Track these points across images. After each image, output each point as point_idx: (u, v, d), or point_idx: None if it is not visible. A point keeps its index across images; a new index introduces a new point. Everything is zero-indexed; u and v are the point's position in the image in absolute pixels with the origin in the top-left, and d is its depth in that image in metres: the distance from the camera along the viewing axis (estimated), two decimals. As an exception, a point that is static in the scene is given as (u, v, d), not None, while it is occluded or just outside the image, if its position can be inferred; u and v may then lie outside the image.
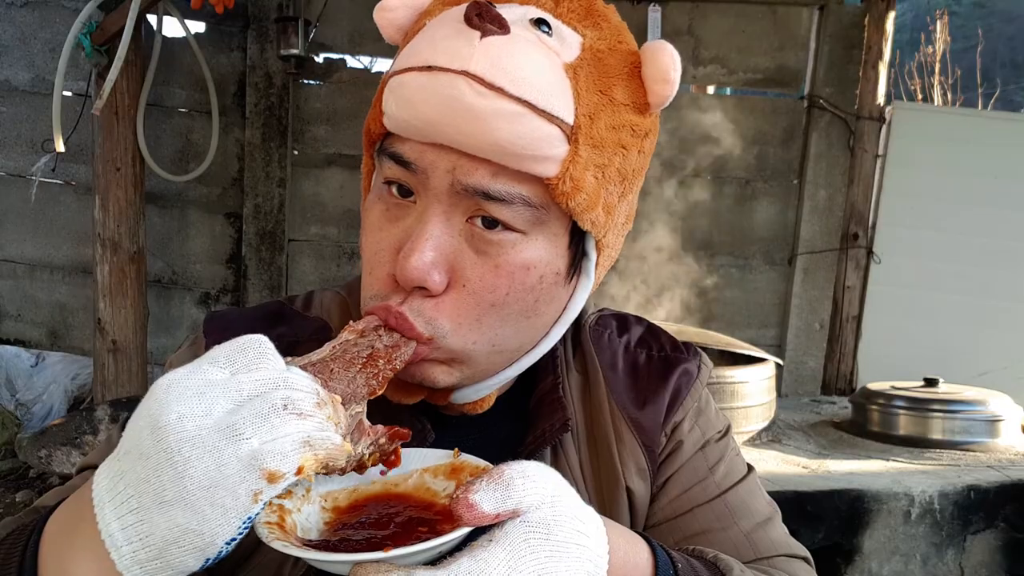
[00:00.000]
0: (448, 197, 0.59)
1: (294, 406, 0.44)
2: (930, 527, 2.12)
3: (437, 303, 0.60)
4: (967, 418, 2.51)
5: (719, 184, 3.65)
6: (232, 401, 0.43)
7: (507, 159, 0.57)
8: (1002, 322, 3.61)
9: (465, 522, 0.45)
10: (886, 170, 3.60)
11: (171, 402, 0.42)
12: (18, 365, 3.60)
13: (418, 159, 0.59)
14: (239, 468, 0.41)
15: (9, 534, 0.53)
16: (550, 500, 0.47)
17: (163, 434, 0.41)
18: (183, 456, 0.41)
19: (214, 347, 0.46)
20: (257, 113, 3.44)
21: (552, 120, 0.57)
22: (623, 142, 0.62)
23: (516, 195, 0.59)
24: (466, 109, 0.55)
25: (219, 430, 0.42)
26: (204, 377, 0.43)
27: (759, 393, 2.48)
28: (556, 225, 0.62)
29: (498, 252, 0.60)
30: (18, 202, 3.48)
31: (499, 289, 0.61)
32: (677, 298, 3.68)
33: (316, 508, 0.54)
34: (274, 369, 0.45)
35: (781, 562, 0.73)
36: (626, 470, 0.73)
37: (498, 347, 0.64)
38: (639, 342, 0.81)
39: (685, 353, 0.80)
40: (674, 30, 3.50)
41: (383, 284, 0.63)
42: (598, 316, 0.82)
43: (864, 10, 3.53)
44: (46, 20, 3.39)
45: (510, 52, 0.56)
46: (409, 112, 0.58)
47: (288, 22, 3.25)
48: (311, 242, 3.60)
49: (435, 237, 0.59)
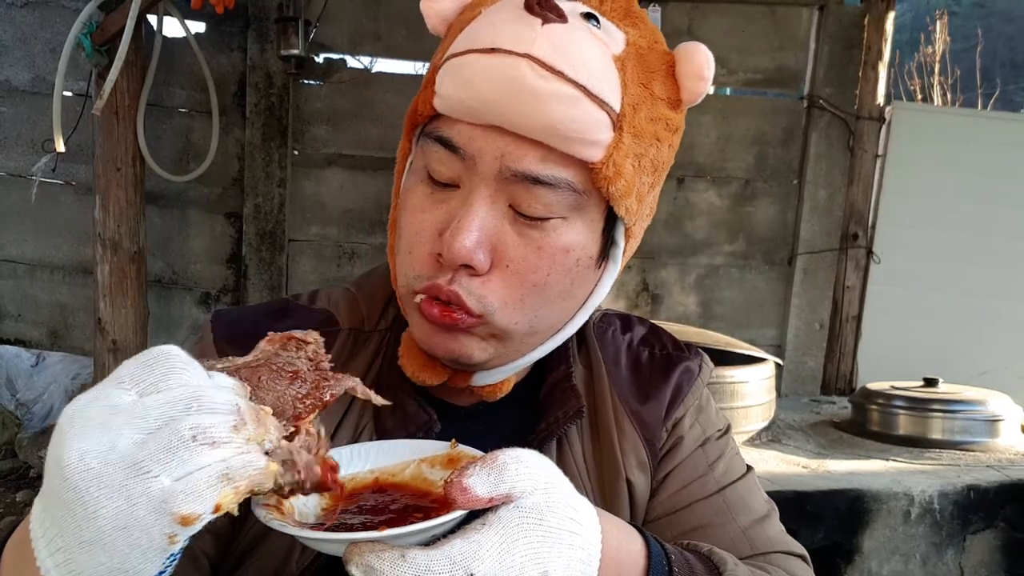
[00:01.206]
0: (495, 183, 0.62)
1: (205, 435, 0.39)
2: (930, 527, 2.12)
3: (483, 282, 0.63)
4: (967, 418, 2.51)
5: (719, 184, 3.65)
6: (139, 430, 0.39)
7: (557, 141, 0.60)
8: (1002, 322, 3.61)
9: (459, 505, 0.45)
10: (886, 170, 3.60)
11: (73, 437, 0.38)
12: (18, 365, 3.59)
13: (466, 144, 0.61)
14: (150, 510, 0.38)
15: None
16: (543, 486, 0.48)
17: (68, 473, 0.38)
18: (92, 496, 0.38)
19: (123, 363, 0.42)
20: (257, 113, 3.44)
21: (603, 106, 0.60)
22: (658, 135, 0.66)
23: (562, 180, 0.61)
24: (526, 90, 0.58)
25: (126, 467, 0.38)
26: (108, 403, 0.40)
27: (759, 393, 2.48)
28: (594, 211, 0.65)
29: (540, 235, 0.63)
30: (18, 202, 3.48)
31: (541, 270, 0.63)
32: (677, 298, 3.68)
33: (314, 497, 0.54)
34: (184, 386, 0.41)
35: (778, 558, 0.74)
36: (627, 462, 0.74)
37: (535, 327, 0.67)
38: (642, 340, 0.83)
39: (687, 352, 0.82)
40: (674, 30, 3.50)
41: (425, 264, 0.64)
42: (602, 314, 0.84)
43: (864, 10, 3.53)
44: (46, 20, 3.39)
45: (569, 39, 0.59)
46: (467, 91, 0.60)
47: (288, 22, 3.25)
48: (311, 242, 3.60)
49: (480, 218, 0.61)
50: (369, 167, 3.54)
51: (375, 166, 3.54)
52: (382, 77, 3.56)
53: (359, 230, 3.59)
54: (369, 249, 3.59)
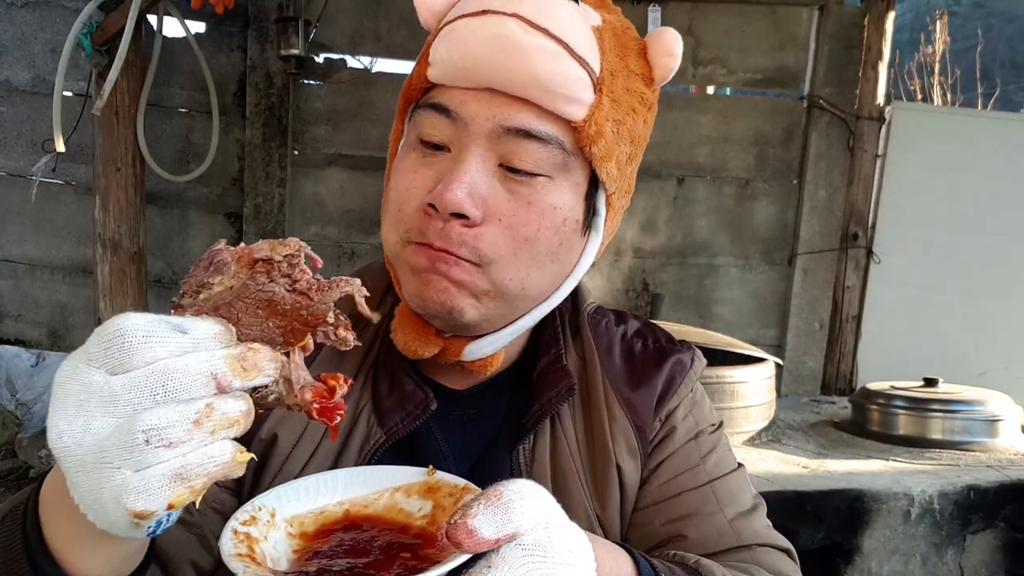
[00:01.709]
0: (486, 142, 0.65)
1: (159, 436, 0.39)
2: (930, 527, 2.12)
3: (476, 234, 0.65)
4: (967, 418, 2.51)
5: (719, 184, 3.65)
6: (110, 415, 0.40)
7: (544, 96, 0.64)
8: (1002, 322, 3.61)
9: (465, 549, 0.43)
10: (886, 170, 3.60)
11: (55, 412, 0.41)
12: (18, 365, 3.59)
13: (459, 107, 0.65)
14: (111, 498, 0.40)
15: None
16: (544, 521, 0.47)
17: (52, 447, 0.41)
18: (70, 472, 0.41)
19: (92, 334, 0.43)
20: (257, 113, 3.44)
21: (584, 66, 0.65)
22: (634, 106, 0.71)
23: (552, 136, 0.65)
24: (514, 46, 0.62)
25: (95, 452, 0.40)
26: (82, 380, 0.41)
27: (759, 393, 2.48)
28: (578, 174, 0.69)
29: (529, 191, 0.66)
30: (18, 202, 3.48)
31: (531, 224, 0.66)
32: (677, 298, 3.68)
33: (283, 535, 0.51)
34: (148, 365, 0.40)
35: (762, 551, 0.75)
36: (617, 448, 0.75)
37: (526, 289, 0.69)
38: (636, 333, 0.85)
39: (679, 346, 0.84)
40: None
41: (413, 218, 0.66)
42: (596, 307, 0.86)
43: (864, 10, 3.53)
44: (46, 20, 3.39)
45: (553, 4, 0.65)
46: (460, 52, 0.64)
47: (288, 22, 3.25)
48: (311, 242, 3.53)
49: (472, 173, 0.64)
50: (369, 167, 3.54)
51: (375, 166, 3.54)
52: (382, 77, 3.56)
53: (359, 230, 3.59)
54: (369, 249, 3.59)
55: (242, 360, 0.42)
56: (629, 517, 0.76)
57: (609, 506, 0.74)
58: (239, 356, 0.42)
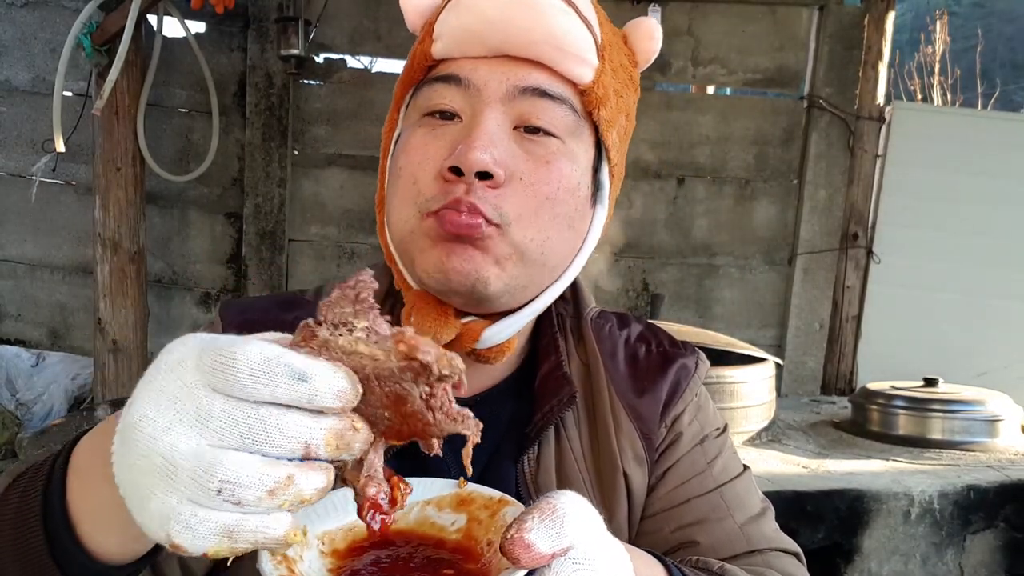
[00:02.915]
0: (500, 104, 0.65)
1: (232, 494, 0.38)
2: (930, 527, 2.12)
3: (499, 193, 0.64)
4: (967, 418, 2.51)
5: (719, 184, 3.65)
6: (196, 431, 0.39)
7: (556, 55, 0.65)
8: (1002, 322, 3.61)
9: (523, 564, 0.42)
10: (886, 170, 3.60)
11: (148, 393, 0.40)
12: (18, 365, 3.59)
13: (470, 74, 0.65)
14: (158, 511, 0.39)
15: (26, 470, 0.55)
16: (592, 533, 0.46)
17: (128, 422, 0.40)
18: (131, 453, 0.40)
19: (215, 338, 0.41)
20: (257, 113, 3.44)
21: (590, 29, 0.66)
22: (627, 82, 0.73)
23: (566, 96, 0.66)
24: (526, 5, 0.63)
25: (164, 457, 0.38)
26: (186, 381, 0.40)
27: (759, 393, 2.48)
28: (587, 140, 0.70)
29: (546, 151, 0.66)
30: (18, 202, 3.48)
31: (551, 182, 0.66)
32: (677, 298, 3.68)
33: (315, 553, 0.49)
34: (250, 409, 0.39)
35: (773, 556, 0.74)
36: (623, 455, 0.74)
37: (545, 254, 0.68)
38: (639, 337, 0.83)
39: (683, 349, 0.83)
40: (674, 30, 3.50)
41: (434, 187, 0.64)
42: (599, 311, 0.85)
43: (864, 10, 3.53)
44: (46, 20, 3.39)
45: None
46: (470, 16, 0.64)
47: (288, 22, 3.25)
48: (311, 242, 3.60)
49: (491, 132, 0.64)
50: (369, 167, 3.54)
51: (375, 166, 3.52)
52: (382, 77, 3.56)
53: (359, 230, 3.59)
54: (369, 249, 3.59)
55: (340, 437, 0.40)
56: (637, 525, 0.75)
57: (617, 514, 0.73)
58: (339, 433, 0.40)
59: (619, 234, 3.62)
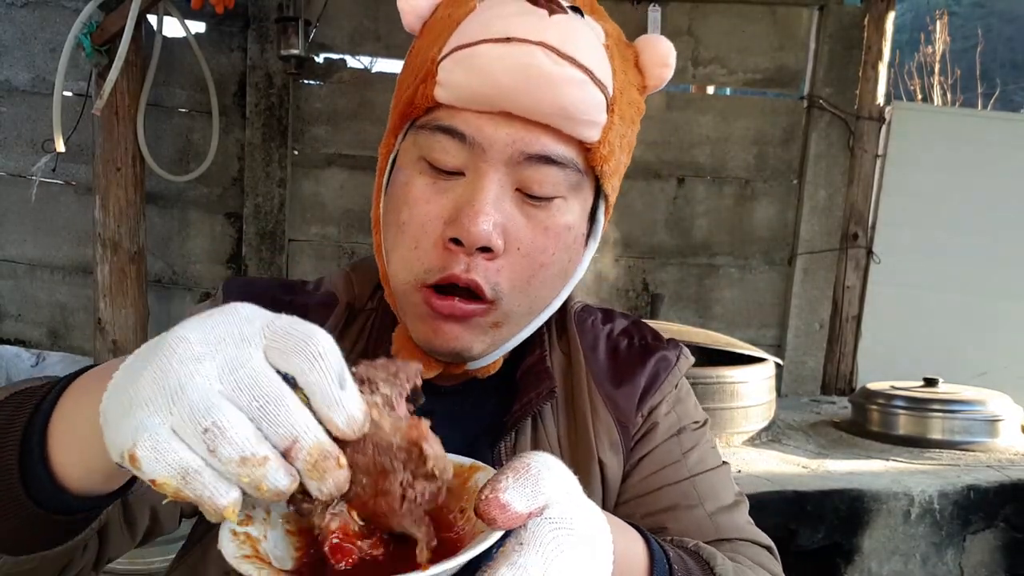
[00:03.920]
0: (504, 167, 0.64)
1: (214, 438, 0.38)
2: (930, 527, 2.12)
3: (497, 266, 0.65)
4: (967, 418, 2.51)
5: (719, 184, 3.65)
6: (220, 373, 0.39)
7: (565, 123, 0.64)
8: (1002, 322, 3.61)
9: (499, 525, 0.42)
10: (886, 170, 3.59)
11: (197, 322, 0.41)
12: (18, 365, 3.59)
13: (475, 132, 0.64)
14: (138, 421, 0.38)
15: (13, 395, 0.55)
16: (568, 493, 0.46)
17: (163, 336, 0.41)
18: (145, 368, 0.40)
19: (259, 314, 0.42)
20: (257, 113, 3.44)
21: (603, 90, 0.64)
22: (633, 117, 0.71)
23: (569, 159, 0.66)
24: (542, 76, 0.61)
25: (179, 378, 0.39)
26: (240, 331, 0.40)
27: (759, 393, 2.48)
28: (587, 191, 0.70)
29: (546, 216, 0.66)
30: (18, 202, 3.48)
31: (548, 250, 0.67)
32: (677, 298, 3.68)
33: (280, 533, 0.48)
34: (267, 381, 0.39)
35: (742, 545, 0.75)
36: (599, 443, 0.76)
37: (534, 309, 0.71)
38: (623, 331, 0.85)
39: (664, 343, 0.85)
40: (674, 30, 3.50)
41: (434, 256, 0.65)
42: (583, 305, 0.87)
43: (864, 10, 3.53)
44: (46, 20, 3.39)
45: (575, 28, 0.64)
46: (481, 79, 0.62)
47: (288, 22, 3.25)
48: (311, 242, 3.60)
49: (493, 201, 0.63)
50: (369, 167, 3.54)
51: (374, 166, 3.53)
52: (382, 77, 3.56)
53: (359, 230, 3.59)
54: (369, 249, 3.57)
55: (323, 457, 0.39)
56: (611, 512, 0.76)
57: (591, 501, 0.74)
58: (324, 453, 0.39)
59: (620, 234, 3.62)
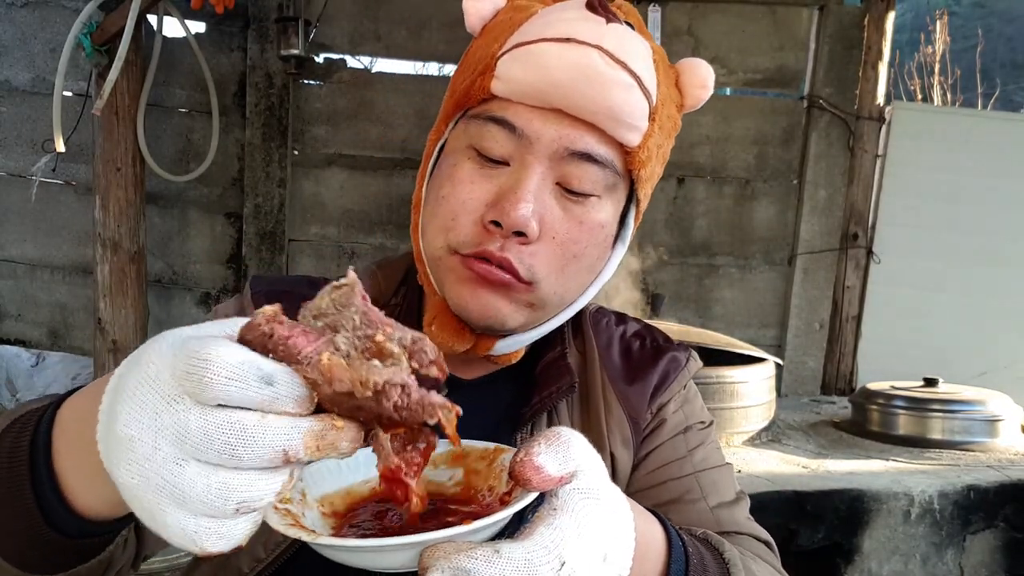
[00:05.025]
0: (548, 161, 0.69)
1: (249, 506, 0.39)
2: (930, 527, 2.12)
3: (532, 250, 0.69)
4: (967, 418, 2.51)
5: (719, 184, 3.65)
6: (178, 448, 0.38)
7: (610, 123, 0.68)
8: (1002, 322, 3.61)
9: (534, 486, 0.44)
10: (886, 170, 3.60)
11: (128, 404, 0.39)
12: (18, 365, 3.60)
13: (525, 125, 0.68)
14: (177, 524, 0.39)
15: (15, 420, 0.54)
16: (594, 465, 0.48)
17: (120, 440, 0.39)
18: (129, 481, 0.39)
19: (185, 340, 0.40)
20: (257, 113, 3.44)
21: (648, 97, 0.69)
22: (669, 132, 0.76)
23: (609, 160, 0.70)
24: (596, 76, 0.66)
25: (161, 476, 0.38)
26: (162, 392, 0.39)
27: (759, 393, 2.48)
28: (621, 193, 0.74)
29: (582, 211, 0.71)
30: (18, 202, 3.48)
31: (580, 242, 0.71)
32: (677, 298, 3.68)
33: (317, 515, 0.50)
34: (222, 423, 0.38)
35: (742, 540, 0.77)
36: (612, 438, 0.79)
37: (565, 298, 0.75)
38: (635, 333, 0.90)
39: (675, 345, 0.89)
40: (674, 30, 3.50)
41: (471, 232, 0.69)
42: (598, 307, 0.91)
43: (864, 10, 3.53)
44: (46, 20, 3.39)
45: (629, 38, 0.69)
46: (538, 74, 0.67)
47: (288, 22, 3.25)
48: (311, 242, 3.60)
49: (534, 190, 0.68)
50: (369, 167, 3.54)
51: (375, 166, 3.54)
52: (382, 77, 3.56)
53: (359, 230, 3.59)
54: (369, 249, 3.59)
55: (320, 438, 0.40)
56: None
57: None
58: (319, 433, 0.40)
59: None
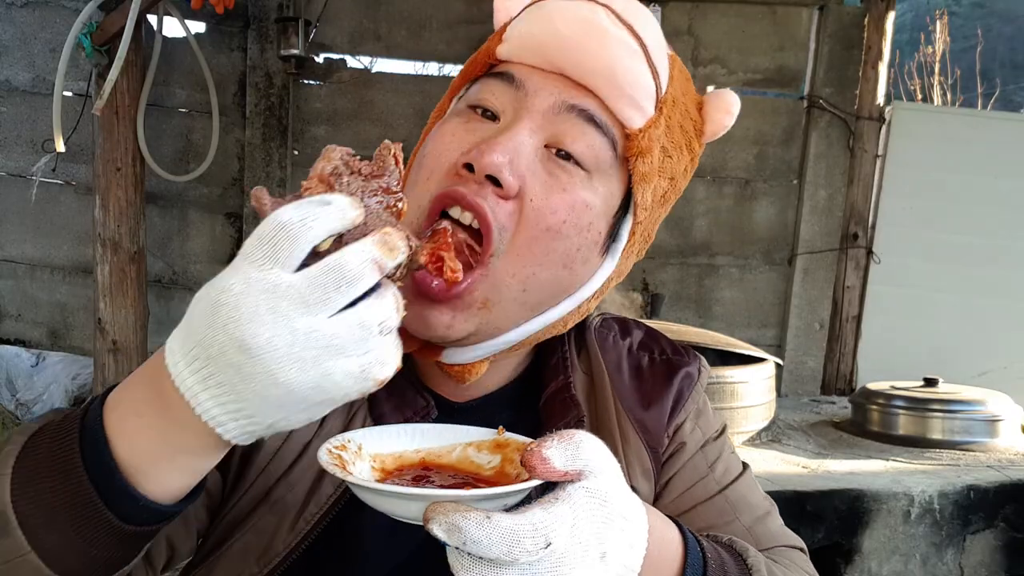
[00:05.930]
0: (541, 117, 0.65)
1: (386, 326, 0.46)
2: (930, 527, 2.12)
3: (508, 210, 0.63)
4: (967, 418, 2.51)
5: (719, 184, 3.65)
6: (305, 313, 0.43)
7: (611, 90, 0.65)
8: (1002, 322, 3.61)
9: (537, 474, 0.46)
10: (886, 170, 3.60)
11: (250, 323, 0.43)
12: (18, 365, 3.59)
13: (526, 78, 0.66)
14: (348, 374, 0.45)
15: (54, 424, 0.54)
16: (608, 471, 0.49)
17: (257, 354, 0.43)
18: (284, 371, 0.44)
19: (250, 241, 0.45)
20: (257, 113, 3.44)
21: (655, 76, 0.66)
22: (682, 146, 0.71)
23: (608, 129, 0.66)
24: (599, 30, 0.64)
25: (314, 348, 0.44)
26: (263, 287, 0.43)
27: (759, 393, 2.48)
28: (615, 185, 0.68)
29: (567, 179, 0.65)
30: (18, 202, 3.48)
31: (559, 212, 0.64)
32: (677, 298, 3.68)
33: (367, 466, 0.56)
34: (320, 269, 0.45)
35: (779, 552, 0.75)
36: (631, 470, 0.74)
37: (527, 291, 0.66)
38: (641, 345, 0.83)
39: (686, 356, 0.83)
40: (674, 30, 3.50)
41: (446, 176, 0.65)
42: (601, 319, 0.84)
43: (864, 10, 3.53)
44: (46, 20, 3.39)
45: (638, 6, 0.68)
46: (542, 26, 0.66)
47: (288, 22, 3.25)
48: (311, 242, 3.60)
49: (518, 142, 0.63)
50: (369, 167, 3.54)
51: (375, 166, 3.54)
52: (382, 77, 3.56)
53: (359, 230, 3.59)
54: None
55: (384, 243, 0.47)
56: None
57: None
58: (382, 241, 0.47)
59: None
